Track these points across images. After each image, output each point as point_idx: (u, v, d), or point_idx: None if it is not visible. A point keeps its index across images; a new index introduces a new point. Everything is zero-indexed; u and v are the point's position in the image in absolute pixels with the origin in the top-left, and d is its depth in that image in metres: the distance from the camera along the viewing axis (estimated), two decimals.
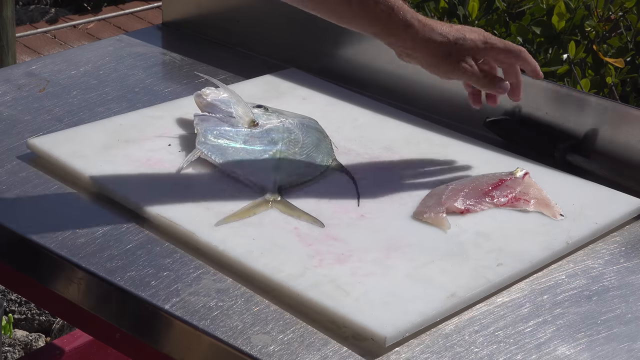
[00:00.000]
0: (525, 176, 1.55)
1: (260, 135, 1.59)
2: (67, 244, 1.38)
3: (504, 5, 2.58)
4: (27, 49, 4.63)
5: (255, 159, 1.54)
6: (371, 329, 1.22)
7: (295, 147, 1.58)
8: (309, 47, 1.97)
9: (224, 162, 1.53)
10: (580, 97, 1.69)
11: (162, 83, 1.88)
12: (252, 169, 1.52)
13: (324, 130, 1.65)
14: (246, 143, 1.57)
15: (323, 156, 1.58)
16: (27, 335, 2.84)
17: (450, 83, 1.63)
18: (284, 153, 1.56)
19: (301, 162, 1.55)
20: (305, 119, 1.67)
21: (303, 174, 1.53)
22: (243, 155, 1.54)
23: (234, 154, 1.54)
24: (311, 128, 1.64)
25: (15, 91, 1.81)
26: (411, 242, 1.40)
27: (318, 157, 1.57)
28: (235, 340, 1.22)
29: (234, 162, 1.53)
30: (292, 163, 1.55)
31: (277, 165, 1.53)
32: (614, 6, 2.51)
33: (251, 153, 1.55)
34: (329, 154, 1.59)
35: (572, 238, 1.44)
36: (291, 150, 1.57)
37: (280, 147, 1.57)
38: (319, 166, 1.56)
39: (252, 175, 1.50)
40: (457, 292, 1.30)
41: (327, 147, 1.61)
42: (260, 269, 1.32)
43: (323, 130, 1.65)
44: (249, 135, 1.59)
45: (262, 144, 1.57)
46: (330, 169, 1.56)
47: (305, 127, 1.63)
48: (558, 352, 1.24)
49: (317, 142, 1.61)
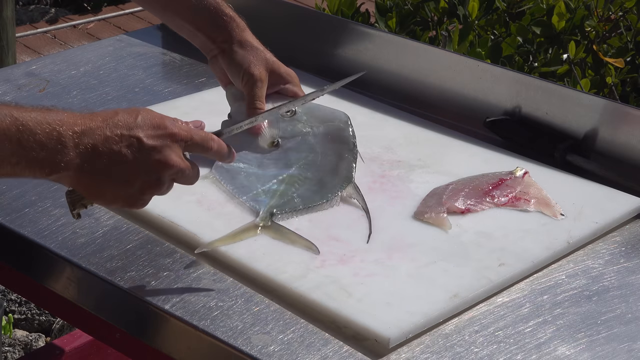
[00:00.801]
0: (525, 175, 1.55)
1: (277, 158, 1.52)
2: (67, 244, 1.38)
3: (504, 5, 2.58)
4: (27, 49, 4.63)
5: (261, 183, 1.48)
6: (375, 330, 1.22)
7: (308, 172, 1.50)
8: (308, 46, 1.97)
9: (232, 188, 1.48)
10: (580, 97, 1.69)
11: (162, 83, 1.88)
12: (253, 193, 1.47)
13: (352, 138, 1.56)
14: (260, 166, 1.51)
15: (338, 180, 1.49)
16: (27, 335, 2.84)
17: (450, 83, 1.63)
18: (293, 178, 1.49)
19: (309, 188, 1.48)
20: (335, 122, 1.58)
21: (307, 200, 1.46)
22: (252, 181, 1.49)
23: (245, 179, 1.49)
24: (336, 140, 1.55)
25: (15, 91, 1.81)
26: (413, 242, 1.40)
27: (332, 182, 1.49)
28: (235, 340, 1.22)
29: (241, 187, 1.48)
30: (299, 187, 1.48)
31: (274, 191, 1.46)
32: (614, 6, 2.51)
33: (261, 178, 1.49)
34: (346, 177, 1.50)
35: (573, 237, 1.44)
36: (302, 175, 1.50)
37: (292, 171, 1.50)
38: (329, 193, 1.48)
39: (251, 200, 1.45)
40: (460, 292, 1.30)
41: (348, 167, 1.52)
42: (263, 270, 1.32)
43: (350, 138, 1.56)
44: (265, 158, 1.52)
45: (276, 168, 1.51)
46: (344, 195, 1.48)
47: (330, 139, 1.55)
48: (558, 352, 1.24)
49: (337, 162, 1.52)
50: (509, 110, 1.75)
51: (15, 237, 1.41)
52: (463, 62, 1.82)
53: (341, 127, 1.58)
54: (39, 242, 1.38)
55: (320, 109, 1.61)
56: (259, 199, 1.45)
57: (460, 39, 2.42)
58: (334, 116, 1.60)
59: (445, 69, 1.82)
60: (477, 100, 1.78)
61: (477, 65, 1.80)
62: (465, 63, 1.81)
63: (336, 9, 2.56)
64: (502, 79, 1.76)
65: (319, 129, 1.57)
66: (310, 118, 1.58)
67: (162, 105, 1.74)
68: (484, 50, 2.38)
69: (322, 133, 1.56)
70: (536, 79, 1.78)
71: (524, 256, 1.38)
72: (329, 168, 1.51)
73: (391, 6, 2.58)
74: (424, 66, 1.84)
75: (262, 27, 2.02)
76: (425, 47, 1.88)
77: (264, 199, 1.45)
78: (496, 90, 1.76)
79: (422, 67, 1.84)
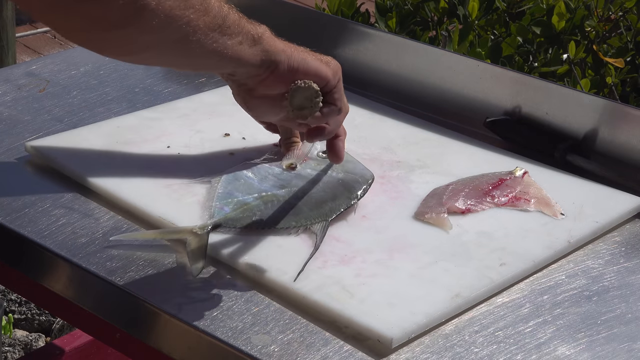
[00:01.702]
0: (524, 175, 1.55)
1: (283, 178, 1.48)
2: (67, 244, 1.38)
3: (504, 5, 2.58)
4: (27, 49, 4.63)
5: (243, 194, 1.43)
6: (378, 330, 1.22)
7: (292, 196, 1.44)
8: (308, 46, 1.96)
9: (221, 191, 1.44)
10: (580, 97, 1.69)
11: (162, 83, 1.88)
12: (227, 201, 1.42)
13: (360, 192, 1.48)
14: (261, 181, 1.47)
15: (314, 214, 1.42)
16: (27, 335, 2.84)
17: (450, 83, 1.63)
18: (274, 197, 1.43)
19: (281, 210, 1.41)
20: (356, 176, 1.52)
21: (268, 221, 1.39)
22: (239, 190, 1.44)
23: (236, 187, 1.45)
24: (343, 186, 1.48)
25: (15, 91, 1.81)
26: (414, 242, 1.40)
27: (307, 213, 1.42)
28: (236, 340, 1.22)
29: (225, 192, 1.43)
30: (271, 207, 1.42)
31: (244, 203, 1.41)
32: (614, 6, 2.51)
33: (248, 190, 1.44)
34: (324, 214, 1.42)
35: (573, 237, 1.44)
36: (284, 197, 1.43)
37: (279, 192, 1.44)
38: (294, 221, 1.40)
39: (218, 207, 1.40)
40: (462, 292, 1.30)
41: (334, 208, 1.43)
42: (264, 271, 1.32)
43: (357, 190, 1.48)
44: (271, 175, 1.49)
45: (271, 185, 1.46)
46: (311, 229, 1.40)
47: (339, 183, 1.49)
48: (558, 352, 1.24)
49: (327, 200, 1.45)
50: (509, 110, 1.75)
51: (15, 237, 1.41)
52: (463, 62, 1.82)
53: (358, 180, 1.51)
54: (39, 242, 1.38)
55: (353, 163, 1.56)
56: (225, 207, 1.40)
57: (460, 39, 2.42)
58: (360, 172, 1.54)
59: (445, 69, 1.82)
60: (477, 100, 1.78)
61: (477, 65, 1.80)
62: (465, 63, 1.81)
63: (336, 9, 2.56)
64: (502, 79, 1.76)
65: (339, 174, 1.52)
66: (338, 166, 1.53)
67: (161, 107, 1.74)
68: (484, 50, 2.38)
69: (338, 178, 1.51)
70: (536, 79, 1.78)
71: (525, 255, 1.39)
72: (315, 201, 1.45)
73: (391, 6, 2.58)
74: (424, 66, 1.84)
75: None
76: (425, 47, 1.88)
77: (227, 209, 1.40)
78: (496, 90, 1.76)
79: (422, 67, 1.84)
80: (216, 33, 1.29)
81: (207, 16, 1.28)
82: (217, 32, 1.29)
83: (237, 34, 1.33)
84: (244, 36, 1.34)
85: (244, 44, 1.34)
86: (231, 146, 1.62)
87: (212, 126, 1.67)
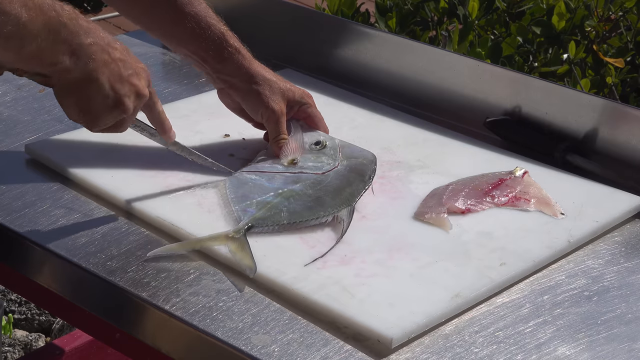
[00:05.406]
0: (524, 175, 1.55)
1: (289, 174, 1.50)
2: (67, 244, 1.38)
3: (504, 5, 2.58)
4: None
5: (259, 195, 1.45)
6: (378, 330, 1.22)
7: (310, 189, 1.47)
8: (308, 46, 1.97)
9: (232, 196, 1.46)
10: (580, 97, 1.69)
11: (162, 83, 1.88)
12: (246, 203, 1.43)
13: (371, 172, 1.53)
14: (269, 180, 1.49)
15: (337, 202, 1.45)
16: (27, 335, 2.84)
17: (450, 83, 1.63)
18: (293, 192, 1.46)
19: (303, 204, 1.44)
20: (359, 159, 1.55)
21: (295, 215, 1.42)
22: (253, 192, 1.46)
23: (248, 189, 1.47)
24: (353, 171, 1.52)
25: (15, 91, 1.81)
26: (414, 242, 1.40)
27: (330, 202, 1.45)
28: (236, 340, 1.22)
29: (240, 196, 1.45)
30: (293, 202, 1.44)
31: (266, 203, 1.43)
32: (614, 6, 2.51)
33: (262, 190, 1.46)
34: (346, 200, 1.45)
35: (573, 236, 1.44)
36: (303, 192, 1.46)
37: (295, 187, 1.47)
38: (322, 211, 1.43)
39: (240, 210, 1.42)
40: (462, 292, 1.30)
41: (353, 192, 1.47)
42: (264, 271, 1.32)
43: (368, 171, 1.53)
44: (278, 174, 1.50)
45: (283, 183, 1.48)
46: (338, 216, 1.43)
47: (348, 169, 1.52)
48: (558, 352, 1.24)
49: (344, 187, 1.48)
50: (509, 110, 1.75)
51: (15, 237, 1.41)
52: (463, 62, 1.82)
53: (364, 163, 1.55)
54: (39, 242, 1.38)
55: (349, 147, 1.59)
56: (248, 209, 1.42)
57: (460, 39, 2.42)
58: (361, 154, 1.57)
59: (445, 69, 1.82)
60: (477, 100, 1.78)
61: (477, 65, 1.80)
62: (465, 63, 1.81)
63: (336, 9, 2.56)
64: (502, 79, 1.76)
65: (343, 162, 1.54)
66: (337, 153, 1.56)
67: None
68: (484, 50, 2.38)
69: (344, 165, 1.54)
70: (536, 79, 1.78)
71: (525, 255, 1.38)
72: (333, 189, 1.48)
73: (391, 6, 2.58)
74: (424, 66, 1.84)
75: (262, 27, 2.02)
76: (425, 47, 1.88)
77: (252, 210, 1.42)
78: (496, 90, 1.76)
79: (422, 67, 1.84)
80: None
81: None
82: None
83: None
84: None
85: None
86: (231, 147, 1.62)
87: (212, 127, 1.67)
